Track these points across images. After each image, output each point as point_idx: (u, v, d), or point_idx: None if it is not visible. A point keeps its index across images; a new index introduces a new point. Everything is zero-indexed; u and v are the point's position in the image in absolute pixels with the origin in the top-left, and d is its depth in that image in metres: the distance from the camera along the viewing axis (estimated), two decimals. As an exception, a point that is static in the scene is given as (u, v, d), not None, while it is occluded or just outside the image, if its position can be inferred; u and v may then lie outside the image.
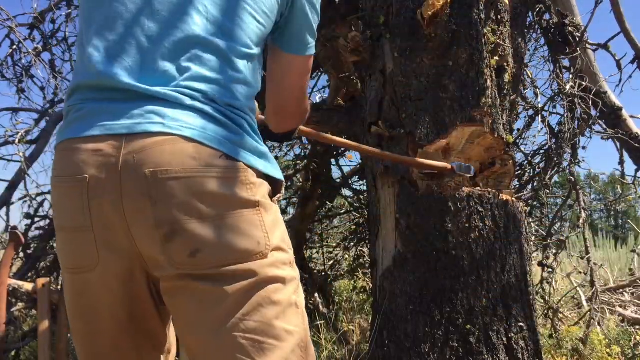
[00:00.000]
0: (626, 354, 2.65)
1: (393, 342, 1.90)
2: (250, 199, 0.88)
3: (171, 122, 0.85)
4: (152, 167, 0.83)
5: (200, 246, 0.84)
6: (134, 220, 0.85)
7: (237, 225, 0.86)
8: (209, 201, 0.85)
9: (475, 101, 1.97)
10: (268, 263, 0.89)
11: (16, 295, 2.07)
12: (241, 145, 0.90)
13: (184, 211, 0.84)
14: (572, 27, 2.99)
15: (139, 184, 0.83)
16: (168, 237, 0.84)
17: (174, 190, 0.83)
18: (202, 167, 0.84)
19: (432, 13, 1.91)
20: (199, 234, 0.84)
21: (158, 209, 0.84)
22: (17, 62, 3.36)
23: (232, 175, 0.87)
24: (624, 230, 22.74)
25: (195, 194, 0.84)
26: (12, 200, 2.97)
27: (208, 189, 0.85)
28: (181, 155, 0.84)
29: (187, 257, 0.84)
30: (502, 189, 2.03)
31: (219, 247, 0.85)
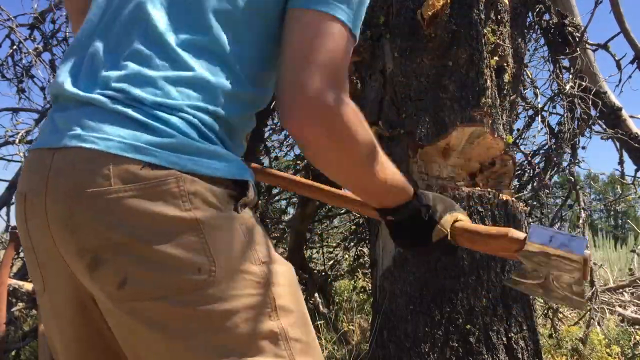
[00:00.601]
0: (626, 354, 2.65)
1: (393, 342, 1.90)
2: (184, 216, 0.72)
3: (88, 134, 0.74)
4: (67, 189, 0.73)
5: (127, 276, 0.71)
6: (61, 247, 0.76)
7: (166, 251, 0.71)
8: (129, 225, 0.71)
9: (475, 101, 1.97)
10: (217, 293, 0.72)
11: (16, 295, 2.07)
12: (174, 149, 0.73)
13: (102, 238, 0.72)
14: (572, 27, 2.99)
15: (58, 208, 0.74)
16: (92, 266, 0.73)
17: (88, 215, 0.72)
18: (118, 186, 0.71)
19: (432, 13, 1.91)
20: (121, 263, 0.71)
21: (76, 237, 0.73)
22: (17, 62, 3.36)
23: (158, 189, 0.71)
24: (624, 230, 22.76)
25: (113, 218, 0.71)
26: (12, 200, 2.97)
27: (127, 211, 0.71)
28: (94, 173, 0.72)
29: (116, 289, 0.72)
30: (502, 189, 2.03)
31: (147, 278, 0.71)
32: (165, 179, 0.72)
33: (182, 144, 0.74)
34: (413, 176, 1.95)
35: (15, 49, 3.29)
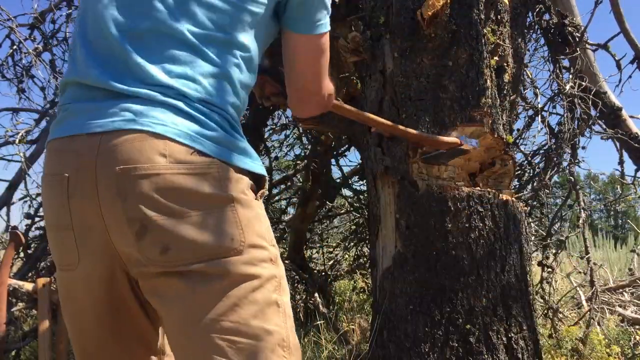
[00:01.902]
0: (626, 354, 2.65)
1: (393, 342, 1.90)
2: (224, 194, 0.86)
3: (143, 119, 0.85)
4: (122, 165, 0.83)
5: (170, 243, 0.83)
6: (110, 219, 0.85)
7: (208, 222, 0.85)
8: (178, 198, 0.83)
9: (475, 101, 1.97)
10: (243, 260, 0.86)
11: (16, 295, 2.07)
12: (216, 141, 0.88)
13: (153, 208, 0.83)
14: (571, 27, 2.99)
15: (111, 182, 0.84)
16: (139, 234, 0.84)
17: (143, 188, 0.83)
18: (172, 164, 0.83)
19: (432, 13, 1.91)
20: (168, 230, 0.83)
21: (128, 206, 0.83)
22: (17, 62, 3.36)
23: (204, 171, 0.85)
24: (624, 230, 22.75)
25: (164, 191, 0.83)
26: (12, 200, 2.97)
27: (177, 186, 0.83)
28: (150, 151, 0.83)
29: (159, 255, 0.84)
30: (502, 189, 2.03)
31: (189, 244, 0.84)
32: (209, 164, 0.86)
33: (220, 137, 0.89)
34: (413, 176, 1.95)
35: (15, 49, 3.28)
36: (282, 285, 0.92)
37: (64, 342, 1.99)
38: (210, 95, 0.90)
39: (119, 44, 0.89)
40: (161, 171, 0.83)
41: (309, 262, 3.92)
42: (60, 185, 0.88)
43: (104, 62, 0.90)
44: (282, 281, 0.92)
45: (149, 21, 0.91)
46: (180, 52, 0.89)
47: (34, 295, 2.04)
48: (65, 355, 1.99)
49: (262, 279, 0.88)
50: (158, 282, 0.86)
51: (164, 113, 0.86)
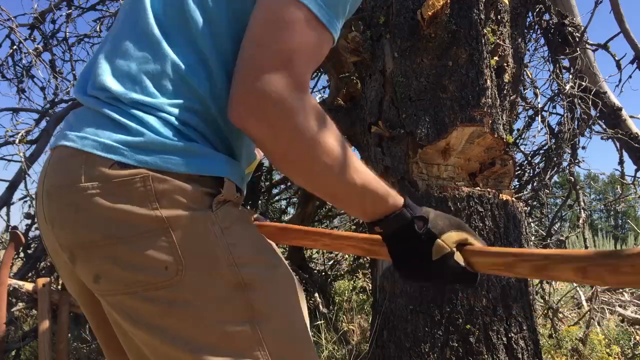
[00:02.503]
0: (626, 354, 2.65)
1: (393, 342, 1.90)
2: (151, 214, 0.71)
3: (71, 133, 0.75)
4: (50, 185, 0.76)
5: (100, 272, 0.73)
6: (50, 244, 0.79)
7: (134, 251, 0.71)
8: (99, 223, 0.71)
9: (475, 101, 1.97)
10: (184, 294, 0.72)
11: (16, 295, 2.07)
12: (144, 148, 0.72)
13: (76, 236, 0.73)
14: (571, 27, 2.99)
15: (44, 203, 0.77)
16: (71, 260, 0.75)
17: (63, 212, 0.74)
18: (89, 183, 0.71)
19: (432, 13, 1.91)
20: (94, 260, 0.73)
21: (55, 232, 0.76)
22: (17, 62, 3.37)
23: (125, 187, 0.71)
24: (624, 230, 22.77)
25: (83, 215, 0.72)
26: (12, 200, 2.97)
27: (96, 209, 0.71)
28: (70, 170, 0.73)
29: (92, 282, 0.75)
30: (502, 189, 2.03)
31: (118, 275, 0.72)
32: (132, 178, 0.71)
33: (151, 142, 0.72)
34: (413, 176, 1.95)
35: (15, 49, 3.29)
36: (257, 310, 0.74)
37: (64, 342, 1.99)
38: (150, 97, 0.74)
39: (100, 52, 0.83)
40: (78, 193, 0.72)
41: (309, 262, 3.92)
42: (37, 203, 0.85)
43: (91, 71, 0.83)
44: (254, 305, 0.74)
45: (122, 11, 0.84)
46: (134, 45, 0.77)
47: (34, 295, 2.04)
48: (66, 356, 1.99)
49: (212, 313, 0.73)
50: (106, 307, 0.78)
51: (92, 123, 0.75)
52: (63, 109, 3.33)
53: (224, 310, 0.73)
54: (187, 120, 0.75)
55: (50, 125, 3.15)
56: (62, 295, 2.03)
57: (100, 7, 3.51)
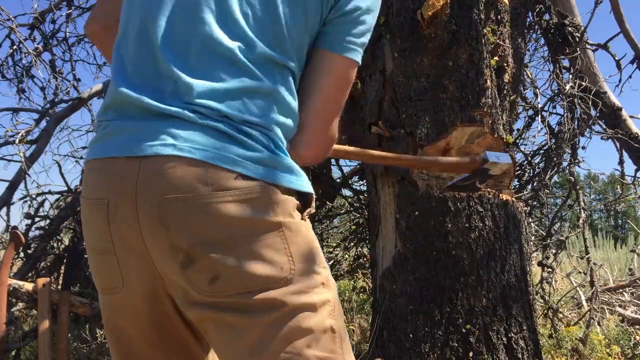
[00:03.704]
0: (626, 354, 2.65)
1: (393, 342, 1.90)
2: (271, 220, 0.83)
3: (183, 144, 0.81)
4: (163, 193, 0.81)
5: (219, 273, 0.81)
6: (152, 245, 0.83)
7: (256, 251, 0.81)
8: (224, 226, 0.81)
9: (475, 101, 1.97)
10: (295, 290, 0.83)
11: (16, 295, 2.07)
12: (260, 162, 0.83)
13: (198, 237, 0.81)
14: (571, 27, 2.99)
15: (153, 209, 0.81)
16: (184, 264, 0.82)
17: (187, 216, 0.80)
18: (215, 191, 0.80)
19: (432, 13, 1.91)
20: (216, 260, 0.81)
21: (172, 236, 0.81)
22: (17, 62, 3.37)
23: (249, 196, 0.82)
24: (624, 230, 22.77)
25: (209, 220, 0.80)
26: (12, 200, 2.97)
27: (223, 214, 0.80)
28: (192, 179, 0.80)
29: (207, 284, 0.81)
30: (502, 189, 2.03)
31: (238, 274, 0.81)
32: (254, 189, 0.82)
33: (265, 158, 0.84)
34: (413, 176, 1.95)
35: (15, 49, 3.29)
36: (336, 309, 0.89)
37: (64, 342, 1.99)
38: (254, 116, 0.85)
39: (162, 60, 0.86)
40: (205, 200, 0.80)
41: (309, 262, 3.90)
42: (100, 210, 0.86)
43: (145, 78, 0.87)
44: (336, 305, 0.89)
45: (195, 36, 0.87)
46: (225, 70, 0.85)
47: (34, 295, 2.04)
48: (66, 356, 1.99)
49: (315, 306, 0.85)
50: (209, 311, 0.84)
51: (204, 136, 0.82)
52: (63, 109, 3.33)
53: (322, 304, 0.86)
54: (281, 139, 0.89)
55: (50, 125, 3.15)
56: (62, 295, 2.03)
57: (100, 7, 3.50)
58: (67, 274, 2.85)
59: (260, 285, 0.81)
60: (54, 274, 2.99)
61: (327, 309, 0.86)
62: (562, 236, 3.14)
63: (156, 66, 0.86)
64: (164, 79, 0.85)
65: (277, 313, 0.82)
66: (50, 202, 3.27)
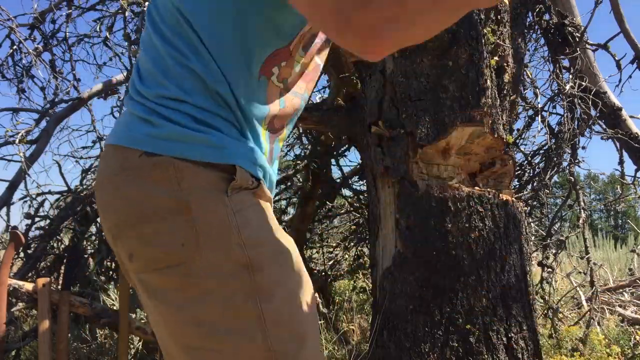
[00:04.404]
0: (626, 354, 2.65)
1: (393, 342, 1.90)
2: (175, 197, 0.79)
3: (111, 133, 0.90)
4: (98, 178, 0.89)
5: (132, 251, 0.83)
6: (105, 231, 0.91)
7: (160, 228, 0.79)
8: (131, 206, 0.82)
9: (475, 101, 1.97)
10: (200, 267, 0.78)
11: (16, 295, 2.07)
12: (165, 138, 0.81)
13: (114, 218, 0.85)
14: (571, 27, 2.99)
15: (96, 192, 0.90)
16: (113, 241, 0.87)
17: (103, 198, 0.87)
18: (123, 171, 0.83)
19: (432, 13, 1.91)
20: (129, 239, 0.83)
21: (102, 216, 0.88)
22: (17, 62, 3.37)
23: (151, 173, 0.80)
24: (624, 230, 22.77)
25: (118, 200, 0.83)
26: (12, 200, 2.97)
27: (128, 193, 0.82)
28: (109, 162, 0.86)
29: (128, 261, 0.85)
30: (502, 189, 2.03)
31: (146, 252, 0.82)
32: (158, 164, 0.80)
33: (174, 132, 0.81)
34: (413, 176, 1.95)
35: (15, 49, 3.29)
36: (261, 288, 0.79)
37: (64, 342, 1.99)
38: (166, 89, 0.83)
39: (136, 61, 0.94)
40: (115, 182, 0.84)
41: (309, 262, 3.92)
42: None
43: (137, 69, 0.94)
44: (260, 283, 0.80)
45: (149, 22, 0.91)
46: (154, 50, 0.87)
47: (34, 295, 2.04)
48: (66, 356, 1.99)
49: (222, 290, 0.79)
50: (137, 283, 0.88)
51: (125, 120, 0.88)
52: (63, 109, 3.33)
53: (229, 286, 0.79)
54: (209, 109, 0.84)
55: (50, 125, 3.15)
56: (62, 295, 2.03)
57: (100, 7, 3.50)
58: (67, 274, 2.85)
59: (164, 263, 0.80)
60: (54, 274, 2.99)
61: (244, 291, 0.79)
62: (562, 236, 3.14)
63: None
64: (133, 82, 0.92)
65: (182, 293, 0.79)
66: (50, 202, 3.28)
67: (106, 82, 3.51)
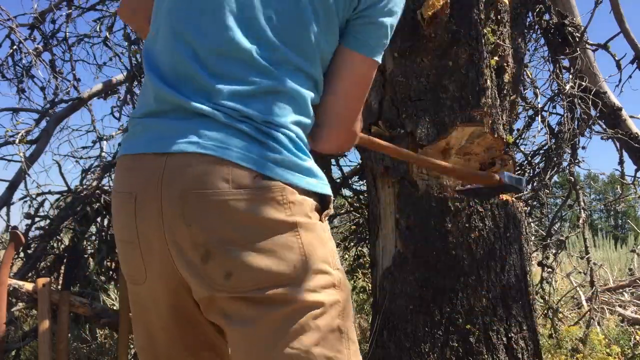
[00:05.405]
0: (626, 354, 2.65)
1: (393, 342, 1.90)
2: (287, 220, 0.85)
3: (207, 142, 0.85)
4: (186, 189, 0.84)
5: (233, 269, 0.84)
6: (173, 241, 0.86)
7: (270, 249, 0.84)
8: (241, 224, 0.83)
9: (475, 101, 1.97)
10: (306, 288, 0.85)
11: (16, 295, 2.07)
12: (279, 163, 0.86)
13: (216, 234, 0.83)
14: (571, 27, 2.99)
15: (175, 205, 0.85)
16: (204, 259, 0.84)
17: (206, 213, 0.83)
18: (235, 190, 0.83)
19: (432, 13, 1.91)
20: (231, 257, 0.83)
21: (192, 231, 0.84)
22: (17, 62, 3.37)
23: (267, 196, 0.84)
24: (624, 230, 22.75)
25: (227, 217, 0.83)
26: (12, 200, 2.97)
27: (240, 212, 0.83)
28: (214, 176, 0.83)
29: (223, 280, 0.84)
30: (502, 189, 2.03)
31: (251, 271, 0.83)
32: (272, 188, 0.84)
33: (284, 158, 0.86)
34: (413, 176, 1.95)
35: (15, 49, 3.29)
36: (346, 310, 0.91)
37: (64, 342, 1.99)
38: (274, 116, 0.87)
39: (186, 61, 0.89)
40: (225, 197, 0.83)
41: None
42: (128, 204, 0.90)
43: (173, 78, 0.91)
44: (346, 305, 0.91)
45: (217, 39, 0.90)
46: (246, 73, 0.88)
47: (34, 295, 2.03)
48: (66, 355, 1.99)
49: (325, 306, 0.87)
50: (224, 304, 0.87)
51: (227, 136, 0.85)
52: (63, 109, 3.33)
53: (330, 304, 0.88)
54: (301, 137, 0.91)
55: (50, 125, 3.15)
56: (62, 295, 2.03)
57: (100, 7, 3.50)
58: (67, 274, 2.85)
59: (273, 282, 0.84)
60: (54, 274, 2.99)
61: (337, 309, 0.88)
62: (562, 236, 3.14)
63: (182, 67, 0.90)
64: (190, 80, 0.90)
65: (288, 309, 0.84)
66: (50, 202, 3.27)
67: (106, 82, 3.51)
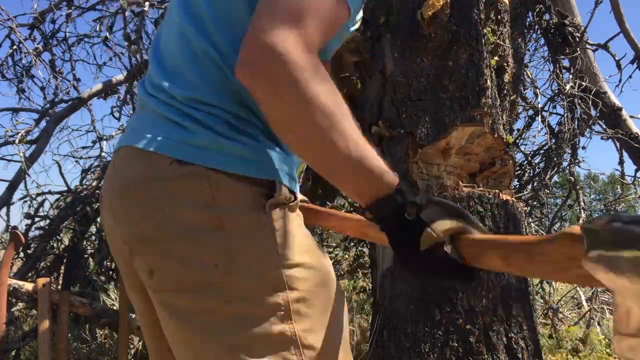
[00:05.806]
0: (626, 354, 2.65)
1: (393, 342, 1.90)
2: (209, 214, 0.72)
3: (133, 133, 0.79)
4: (117, 185, 0.79)
5: (154, 267, 0.75)
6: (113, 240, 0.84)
7: (187, 247, 0.72)
8: (158, 220, 0.73)
9: (475, 101, 1.97)
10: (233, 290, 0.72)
11: (16, 295, 2.07)
12: (202, 146, 0.73)
13: (135, 230, 0.75)
14: (572, 27, 2.99)
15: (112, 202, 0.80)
16: (132, 254, 0.78)
17: (126, 209, 0.76)
18: (152, 180, 0.73)
19: (432, 13, 1.91)
20: (150, 254, 0.75)
21: (119, 226, 0.79)
22: (17, 62, 3.37)
23: (184, 185, 0.72)
24: (624, 230, 22.68)
25: (144, 211, 0.74)
26: (12, 200, 2.98)
27: (157, 205, 0.73)
28: (130, 168, 0.76)
29: (147, 278, 0.77)
30: (502, 189, 2.03)
31: (171, 270, 0.73)
32: (190, 176, 0.72)
33: (209, 140, 0.73)
34: (413, 176, 1.95)
35: (15, 49, 3.29)
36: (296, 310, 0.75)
37: (64, 342, 1.99)
38: (201, 93, 0.75)
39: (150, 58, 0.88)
40: (139, 190, 0.74)
41: (309, 262, 3.90)
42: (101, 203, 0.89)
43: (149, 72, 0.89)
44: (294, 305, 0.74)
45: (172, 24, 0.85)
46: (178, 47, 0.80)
47: (34, 295, 2.04)
48: (66, 355, 1.99)
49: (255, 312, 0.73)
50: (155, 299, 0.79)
51: (150, 122, 0.78)
52: (63, 109, 3.33)
53: (266, 309, 0.73)
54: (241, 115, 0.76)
55: (50, 125, 3.15)
56: (62, 295, 2.03)
57: (100, 7, 3.51)
58: (67, 274, 2.85)
59: (192, 284, 0.72)
60: (54, 274, 2.99)
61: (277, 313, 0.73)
62: (562, 236, 3.13)
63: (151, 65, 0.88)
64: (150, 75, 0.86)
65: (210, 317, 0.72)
66: (50, 202, 3.28)
67: (106, 82, 3.51)
